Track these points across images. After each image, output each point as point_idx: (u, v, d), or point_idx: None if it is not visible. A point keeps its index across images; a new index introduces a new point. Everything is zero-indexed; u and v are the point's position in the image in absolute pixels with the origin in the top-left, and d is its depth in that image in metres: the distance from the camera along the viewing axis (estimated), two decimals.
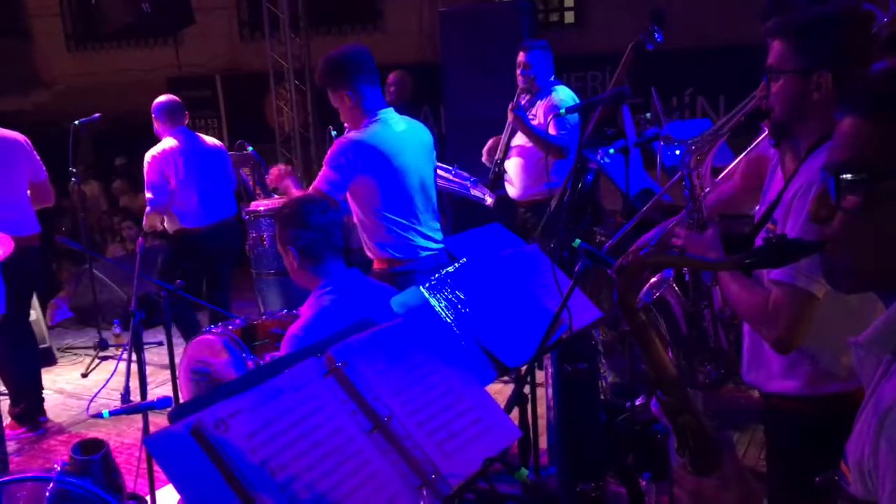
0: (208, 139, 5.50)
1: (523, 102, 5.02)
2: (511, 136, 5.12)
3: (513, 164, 5.16)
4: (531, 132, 4.87)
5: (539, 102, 5.01)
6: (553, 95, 4.97)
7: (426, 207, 3.67)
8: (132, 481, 3.42)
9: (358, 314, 2.43)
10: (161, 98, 5.34)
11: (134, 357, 3.59)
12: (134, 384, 3.63)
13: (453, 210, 5.94)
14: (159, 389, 5.05)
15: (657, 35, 4.02)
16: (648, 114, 5.02)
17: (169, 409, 2.04)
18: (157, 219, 5.27)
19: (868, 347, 1.10)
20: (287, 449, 1.56)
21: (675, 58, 6.76)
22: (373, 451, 1.65)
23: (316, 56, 8.60)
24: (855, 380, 1.24)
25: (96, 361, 5.91)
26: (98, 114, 5.70)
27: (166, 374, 5.15)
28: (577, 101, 4.94)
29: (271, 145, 8.86)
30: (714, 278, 2.16)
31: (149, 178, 5.11)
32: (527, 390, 2.66)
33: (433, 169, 3.80)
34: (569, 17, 8.88)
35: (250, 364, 3.11)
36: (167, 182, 5.12)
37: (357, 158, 3.45)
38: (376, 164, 3.48)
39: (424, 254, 3.62)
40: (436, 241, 3.69)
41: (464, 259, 2.68)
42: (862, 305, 1.77)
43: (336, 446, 1.61)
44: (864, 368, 1.12)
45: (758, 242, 2.04)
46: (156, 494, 3.46)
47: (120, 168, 9.37)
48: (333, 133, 4.83)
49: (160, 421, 2.04)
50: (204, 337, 3.39)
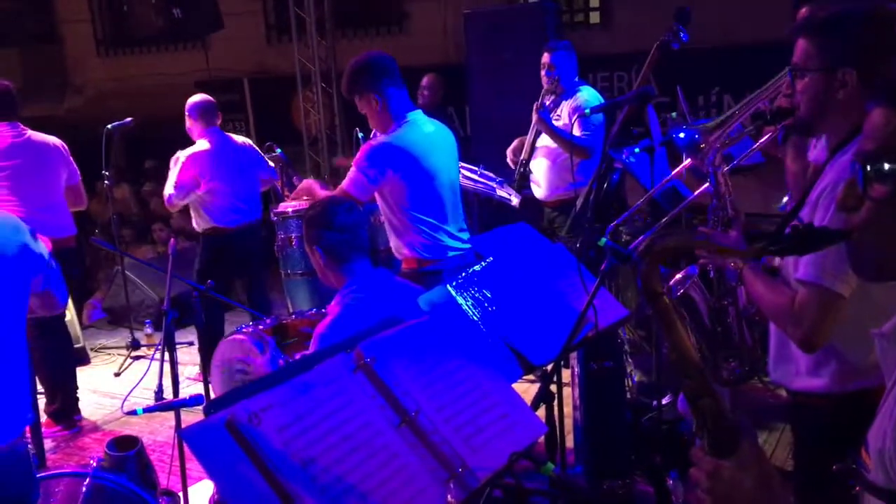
0: (239, 139, 5.57)
1: (548, 103, 5.02)
2: (536, 137, 5.12)
3: (538, 165, 5.17)
4: (554, 133, 4.88)
5: (564, 103, 5.02)
6: (578, 96, 4.97)
7: (454, 208, 3.71)
8: (165, 478, 3.49)
9: (385, 312, 2.47)
10: (196, 97, 5.38)
11: (166, 356, 3.66)
12: (166, 383, 3.69)
13: (480, 210, 5.96)
14: (191, 388, 5.13)
15: (682, 34, 4.01)
16: (674, 113, 5.00)
17: (202, 406, 2.09)
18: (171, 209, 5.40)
19: (892, 338, 1.11)
20: (317, 442, 1.60)
21: (701, 57, 6.73)
22: (401, 445, 1.68)
23: (342, 58, 8.66)
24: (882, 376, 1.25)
25: (129, 361, 6.01)
26: (130, 118, 5.80)
27: (197, 373, 5.24)
28: (602, 101, 4.94)
29: (299, 147, 8.93)
30: (739, 278, 2.16)
31: (180, 178, 5.18)
32: (553, 389, 2.67)
33: (459, 170, 3.83)
34: (594, 18, 8.85)
35: (281, 362, 3.16)
36: (197, 185, 5.19)
37: (387, 161, 3.50)
38: (406, 166, 3.52)
39: (452, 254, 3.66)
40: (463, 242, 3.72)
41: (490, 258, 2.71)
42: (889, 302, 1.77)
43: (365, 440, 1.64)
44: (887, 359, 1.13)
45: None
46: (188, 491, 3.52)
47: (150, 171, 9.50)
48: (360, 135, 4.89)
49: (192, 419, 2.08)
50: (235, 336, 3.45)
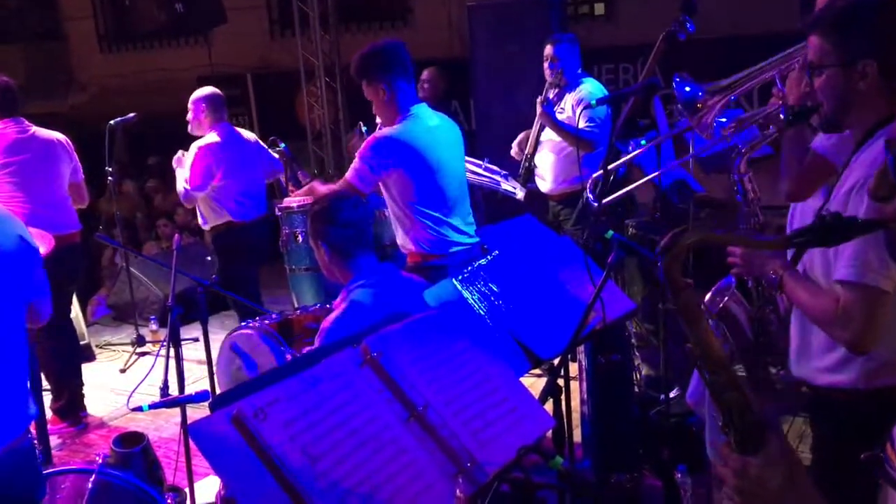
0: (247, 134, 5.55)
1: (551, 97, 5.00)
2: (541, 131, 5.10)
3: (543, 159, 5.14)
4: (558, 127, 4.85)
5: (567, 96, 4.99)
6: (581, 88, 4.94)
7: (460, 202, 3.69)
8: (171, 474, 3.48)
9: (391, 307, 2.45)
10: (205, 90, 5.31)
11: (172, 352, 3.65)
12: (172, 379, 3.68)
13: (486, 204, 5.94)
14: (196, 384, 5.12)
15: (689, 25, 3.98)
16: (680, 105, 4.97)
17: (208, 402, 2.07)
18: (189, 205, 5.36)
19: None
20: (324, 437, 1.58)
21: (708, 48, 6.68)
22: (409, 440, 1.66)
23: (346, 53, 8.63)
24: None
25: (134, 357, 6.01)
26: (133, 113, 5.78)
27: (203, 369, 5.23)
28: (606, 93, 4.91)
29: (303, 143, 8.91)
30: (779, 286, 2.12)
31: (194, 170, 5.16)
32: (560, 382, 2.66)
33: (464, 164, 3.81)
34: (598, 9, 8.81)
35: (289, 357, 3.15)
36: (212, 176, 5.17)
37: (390, 154, 3.49)
38: (410, 160, 3.50)
39: (458, 248, 3.64)
40: (469, 236, 3.71)
41: (496, 252, 2.69)
42: None
43: (372, 435, 1.63)
44: None
45: None
46: (194, 487, 3.52)
47: (153, 167, 9.49)
48: (364, 129, 4.86)
49: (198, 415, 2.07)
50: (242, 332, 3.44)
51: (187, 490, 3.49)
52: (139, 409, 3.01)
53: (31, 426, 2.55)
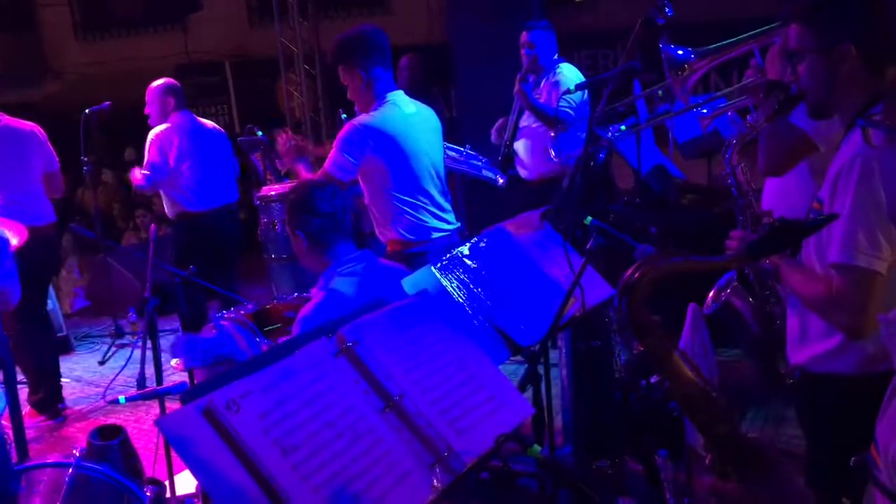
0: (209, 123, 5.49)
1: (530, 78, 5.01)
2: (519, 117, 5.10)
3: (522, 145, 5.14)
4: (534, 107, 4.87)
5: (543, 81, 4.99)
6: (557, 73, 4.95)
7: (437, 189, 3.67)
8: (151, 466, 3.45)
9: (369, 295, 2.43)
10: (158, 82, 5.27)
11: (149, 344, 3.61)
12: (150, 371, 3.65)
13: (465, 191, 5.92)
14: (175, 376, 5.08)
15: (667, 9, 3.97)
16: (661, 91, 4.97)
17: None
18: (148, 192, 5.30)
19: None
20: (299, 429, 1.56)
21: (687, 32, 6.67)
22: (385, 430, 1.65)
23: (325, 40, 8.56)
24: None
25: (113, 349, 5.96)
26: (108, 102, 5.71)
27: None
28: (582, 78, 4.91)
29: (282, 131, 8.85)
30: (775, 275, 2.11)
31: (149, 157, 5.13)
32: (541, 370, 2.64)
33: (442, 150, 3.79)
34: None
35: (264, 348, 3.12)
36: (166, 162, 5.12)
37: (367, 142, 3.46)
38: (386, 147, 3.48)
39: (437, 235, 3.62)
40: (448, 223, 3.69)
41: (474, 239, 2.67)
42: None
43: (348, 425, 1.61)
44: (893, 346, 1.09)
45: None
46: (174, 479, 3.49)
47: (131, 156, 9.40)
48: (344, 116, 4.83)
49: (177, 407, 2.05)
50: (217, 322, 3.40)
51: (167, 482, 3.46)
52: (116, 402, 2.99)
53: (3, 419, 2.51)
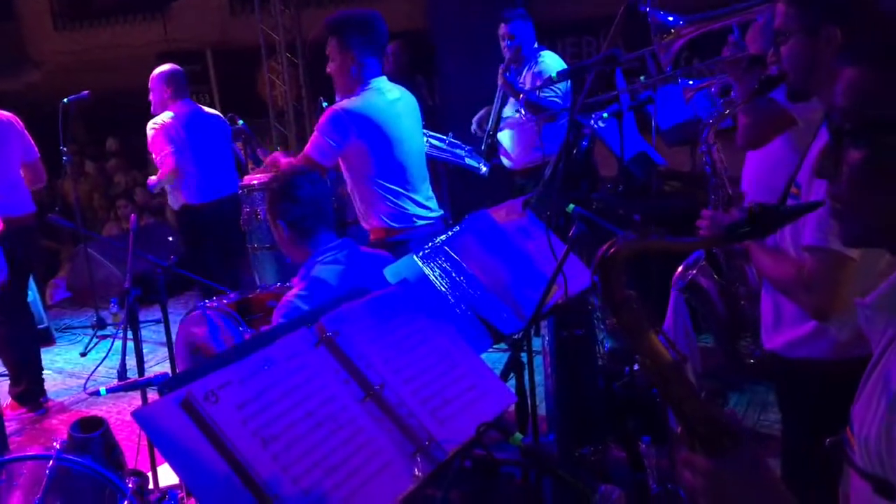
0: (209, 110, 5.44)
1: (514, 67, 4.99)
2: (502, 107, 5.09)
3: (505, 135, 5.12)
4: (521, 95, 4.84)
5: (525, 71, 4.98)
6: (539, 61, 4.94)
7: (420, 176, 3.65)
8: (134, 458, 3.43)
9: (350, 283, 2.42)
10: (163, 68, 5.19)
11: (130, 335, 3.58)
12: (132, 362, 3.62)
13: (449, 179, 5.90)
14: (159, 367, 5.05)
15: None
16: (643, 77, 4.97)
17: None
18: (168, 181, 5.19)
19: (875, 309, 1.07)
20: (279, 419, 1.55)
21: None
22: (366, 420, 1.64)
23: (307, 28, 8.49)
24: None
25: (95, 340, 5.91)
26: (87, 91, 5.64)
27: (165, 352, 5.16)
28: (564, 66, 4.91)
29: (265, 120, 8.78)
30: (744, 254, 2.11)
31: (154, 150, 5.06)
32: (523, 358, 2.64)
33: (423, 137, 3.78)
34: None
35: (247, 337, 3.10)
36: (178, 150, 5.06)
37: (350, 127, 3.43)
38: (369, 133, 3.45)
39: (420, 222, 3.61)
40: (431, 210, 3.68)
41: (457, 227, 2.66)
42: (892, 269, 1.73)
43: (329, 415, 1.60)
44: (872, 329, 1.09)
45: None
46: (157, 470, 3.47)
47: (112, 146, 9.32)
48: (325, 104, 4.79)
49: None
50: (198, 312, 3.37)
51: (150, 474, 3.44)
52: (97, 394, 2.95)
53: None
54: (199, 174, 5.17)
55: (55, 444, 2.74)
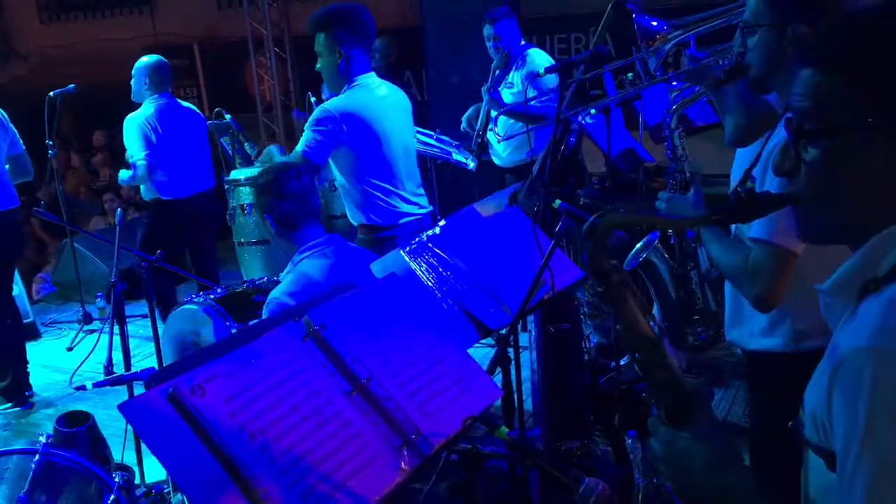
0: (186, 105, 5.41)
1: (498, 82, 4.98)
2: (490, 107, 5.09)
3: (494, 136, 5.14)
4: (510, 112, 4.84)
5: (514, 71, 4.98)
6: (528, 61, 4.94)
7: (409, 172, 3.65)
8: (121, 452, 3.42)
9: (338, 278, 2.42)
10: (148, 59, 5.15)
11: (116, 329, 3.58)
12: (118, 357, 3.61)
13: (437, 174, 5.91)
14: (145, 362, 5.04)
15: None
16: (630, 74, 4.99)
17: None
18: (140, 182, 5.17)
19: (833, 294, 1.10)
20: (266, 412, 1.55)
21: (659, 17, 6.69)
22: (353, 413, 1.64)
23: (295, 23, 8.46)
24: None
25: (81, 335, 5.89)
26: (73, 84, 5.60)
27: (152, 347, 5.15)
28: (552, 62, 4.92)
29: (253, 114, 8.75)
30: (697, 238, 2.16)
31: (131, 147, 5.03)
32: (510, 352, 2.66)
33: (414, 133, 3.78)
34: None
35: (234, 332, 3.10)
36: (151, 146, 5.04)
37: (339, 125, 3.43)
38: (358, 131, 3.45)
39: (408, 219, 3.61)
40: (419, 206, 3.68)
41: (443, 222, 2.67)
42: (842, 260, 1.76)
43: (315, 408, 1.60)
44: (831, 315, 1.12)
45: None
46: (143, 465, 3.47)
47: (99, 140, 9.26)
48: (313, 100, 4.79)
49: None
50: (185, 307, 3.38)
51: (136, 469, 3.44)
52: (83, 389, 2.95)
53: None
54: (173, 170, 5.13)
55: (41, 439, 2.74)
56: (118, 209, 3.86)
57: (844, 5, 1.80)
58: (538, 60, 4.92)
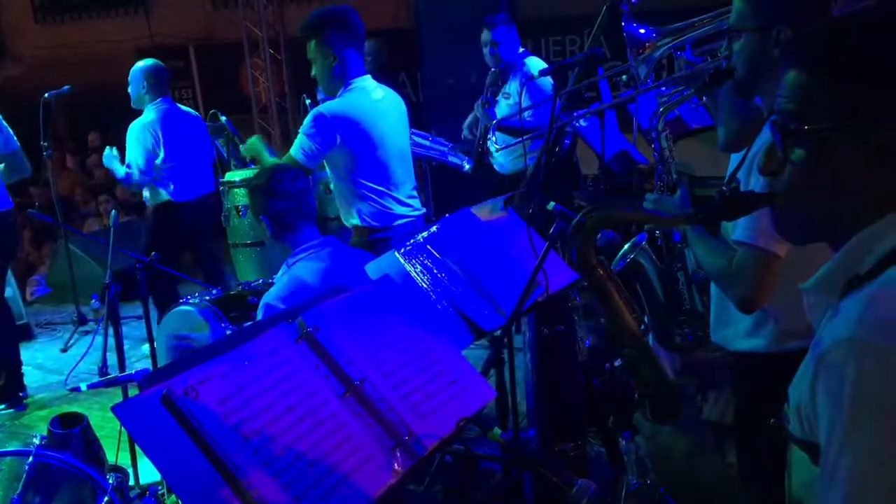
0: (186, 109, 5.41)
1: (492, 99, 4.98)
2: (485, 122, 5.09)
3: (493, 145, 5.15)
4: (505, 129, 4.84)
5: (512, 79, 4.98)
6: (525, 68, 4.94)
7: (403, 175, 3.66)
8: (115, 454, 3.42)
9: (332, 280, 2.43)
10: (146, 63, 5.13)
11: (111, 330, 3.57)
12: (112, 358, 3.61)
13: (432, 176, 5.92)
14: (140, 363, 5.03)
15: None
16: (625, 76, 5.00)
17: None
18: (135, 189, 5.18)
19: (816, 293, 1.12)
20: (260, 414, 1.55)
21: (653, 19, 6.71)
22: (346, 415, 1.65)
23: (290, 24, 8.46)
24: None
25: (76, 336, 5.88)
26: (67, 86, 5.60)
27: (147, 348, 5.14)
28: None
29: (248, 116, 8.75)
30: (683, 239, 2.17)
31: (137, 151, 5.04)
32: (504, 354, 2.66)
33: (409, 135, 3.78)
34: None
35: (229, 334, 3.11)
36: (155, 156, 5.04)
37: (335, 130, 3.43)
38: (353, 134, 3.45)
39: (402, 221, 3.62)
40: (413, 208, 3.69)
41: (438, 224, 2.68)
42: (825, 261, 1.78)
43: (309, 410, 1.61)
44: (814, 314, 1.13)
45: None
46: (138, 467, 3.46)
47: (94, 142, 9.25)
48: (308, 102, 4.79)
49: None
50: (180, 308, 3.38)
51: (131, 470, 3.43)
52: (77, 390, 2.94)
53: None
54: (181, 173, 5.14)
55: (35, 440, 2.74)
56: (112, 210, 3.86)
57: (829, 9, 1.81)
58: (536, 69, 4.92)
